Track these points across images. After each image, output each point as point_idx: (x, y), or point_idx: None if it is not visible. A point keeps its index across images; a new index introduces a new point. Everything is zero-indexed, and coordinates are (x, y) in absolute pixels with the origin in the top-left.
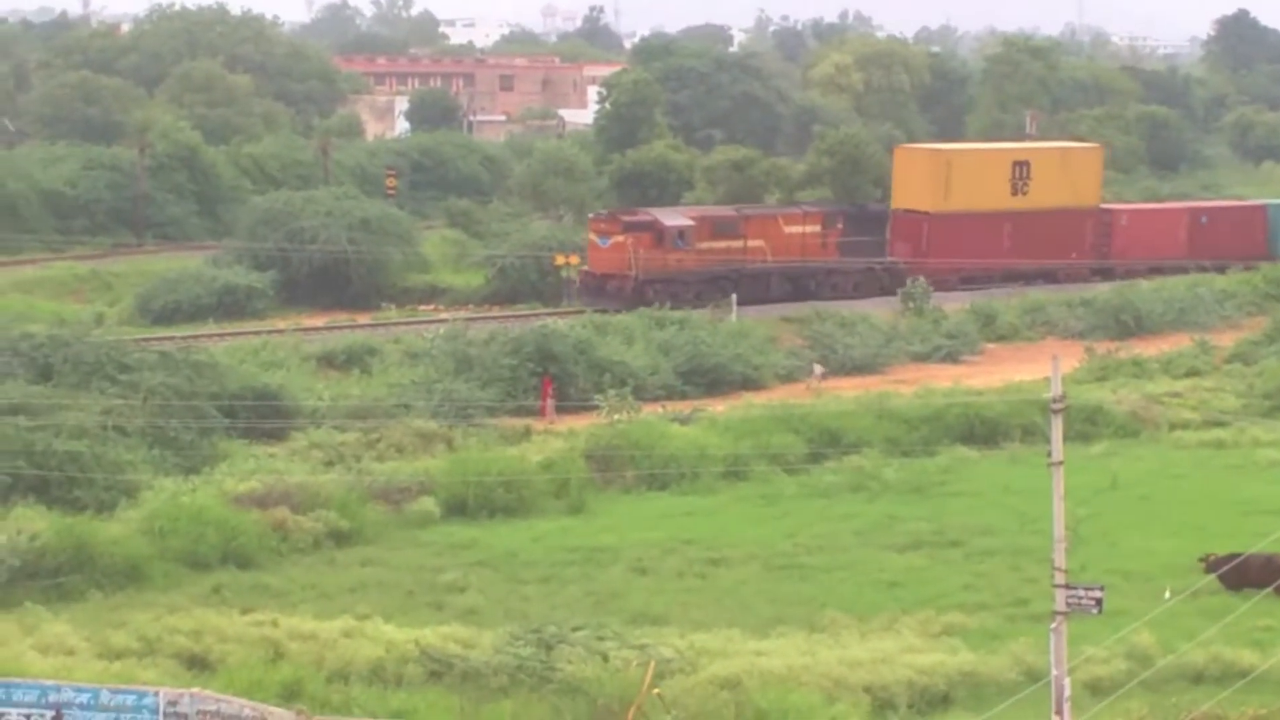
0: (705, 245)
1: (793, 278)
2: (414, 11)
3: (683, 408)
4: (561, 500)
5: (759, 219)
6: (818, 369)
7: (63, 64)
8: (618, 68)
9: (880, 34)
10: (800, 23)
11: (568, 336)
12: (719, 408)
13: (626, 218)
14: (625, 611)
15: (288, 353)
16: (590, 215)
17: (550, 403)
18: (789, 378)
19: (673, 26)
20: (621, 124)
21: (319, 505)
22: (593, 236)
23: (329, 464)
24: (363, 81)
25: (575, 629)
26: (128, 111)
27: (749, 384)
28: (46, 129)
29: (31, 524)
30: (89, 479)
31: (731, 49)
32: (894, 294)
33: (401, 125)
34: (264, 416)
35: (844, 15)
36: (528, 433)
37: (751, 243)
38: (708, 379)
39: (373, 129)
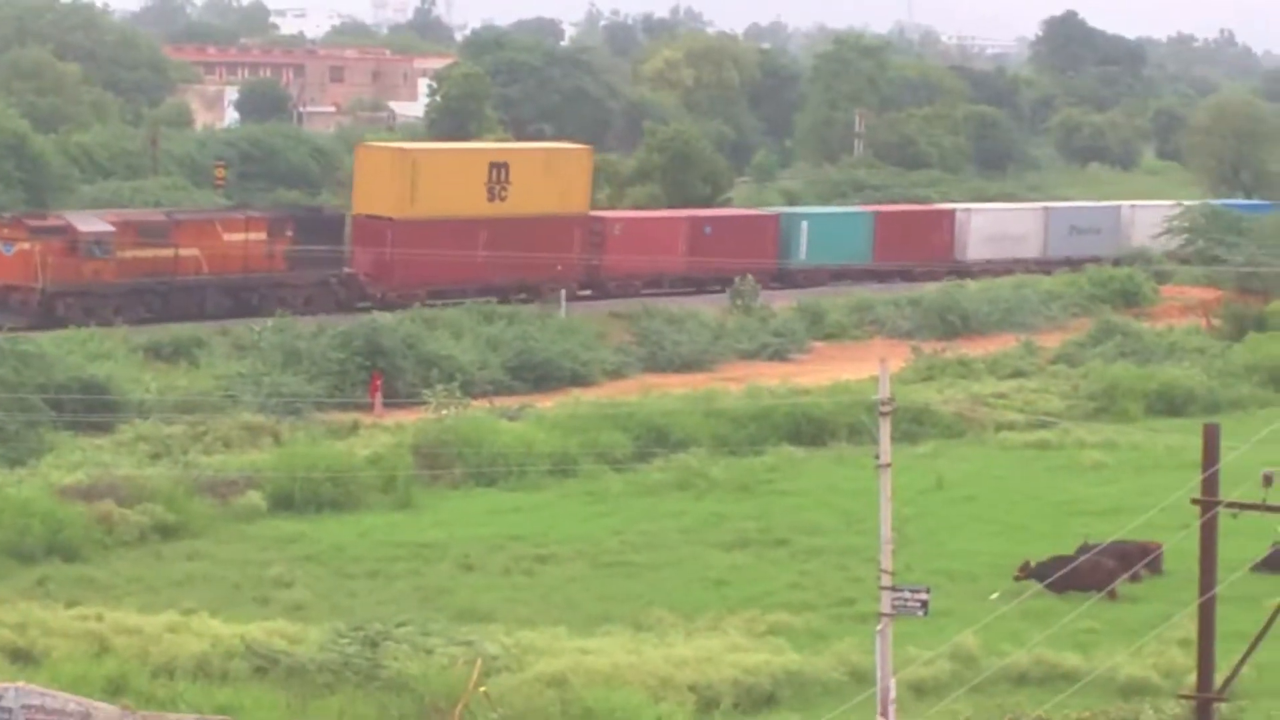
0: (129, 254)
1: (232, 291)
2: (244, 1)
3: (511, 403)
4: (389, 495)
5: (193, 225)
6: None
7: None
8: (449, 60)
9: (711, 30)
10: (631, 18)
11: (396, 330)
12: (547, 404)
13: (34, 222)
14: (452, 608)
15: (115, 344)
16: None
17: (378, 397)
18: (617, 374)
19: (504, 20)
20: (452, 117)
21: (145, 498)
22: None
23: (155, 457)
24: (193, 71)
25: (400, 625)
26: None
27: (577, 380)
28: None
29: None
30: None
31: (562, 43)
32: (353, 309)
33: (231, 116)
34: (91, 408)
35: (675, 11)
36: (355, 427)
37: (184, 251)
38: (536, 374)
39: (202, 119)
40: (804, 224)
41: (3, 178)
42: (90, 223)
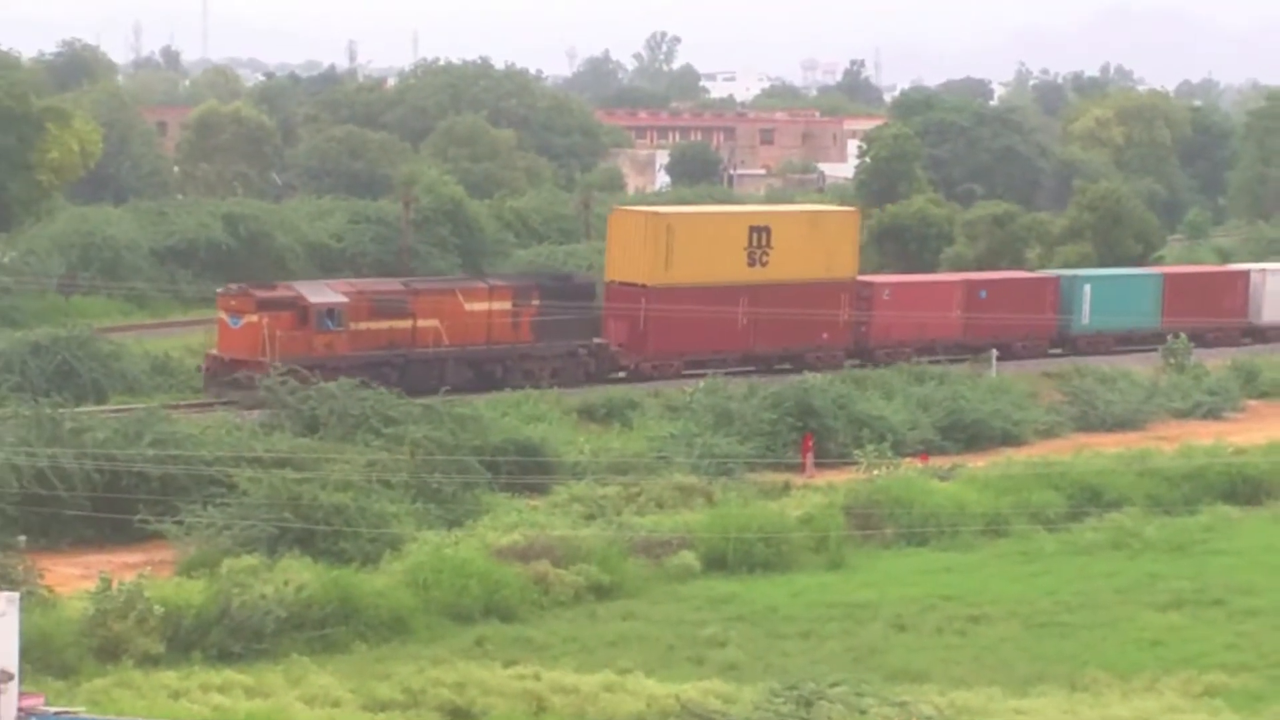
0: (363, 326)
1: (474, 363)
2: (675, 65)
3: (942, 463)
4: (821, 555)
5: (432, 295)
6: None
7: (329, 118)
8: (878, 121)
9: (1141, 88)
10: (1060, 76)
11: (827, 391)
12: (979, 463)
13: (262, 294)
14: (885, 668)
15: (549, 406)
16: (219, 290)
17: (810, 457)
18: (1048, 433)
19: (932, 80)
20: (881, 178)
21: (580, 559)
22: (223, 315)
23: (590, 517)
24: (624, 135)
25: (834, 685)
26: (393, 165)
27: (1008, 440)
28: (313, 182)
29: (298, 575)
30: (354, 531)
31: (992, 103)
32: (602, 381)
33: (662, 179)
34: (526, 470)
35: (1104, 69)
36: (787, 487)
37: (422, 323)
38: (967, 434)
39: (634, 182)
40: (1086, 287)
41: (439, 242)
42: (322, 294)
